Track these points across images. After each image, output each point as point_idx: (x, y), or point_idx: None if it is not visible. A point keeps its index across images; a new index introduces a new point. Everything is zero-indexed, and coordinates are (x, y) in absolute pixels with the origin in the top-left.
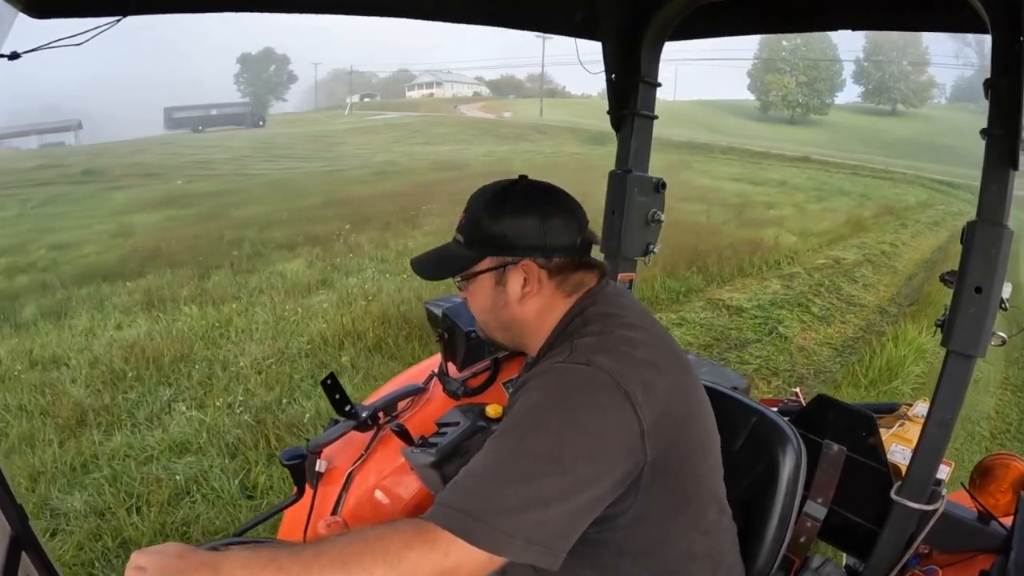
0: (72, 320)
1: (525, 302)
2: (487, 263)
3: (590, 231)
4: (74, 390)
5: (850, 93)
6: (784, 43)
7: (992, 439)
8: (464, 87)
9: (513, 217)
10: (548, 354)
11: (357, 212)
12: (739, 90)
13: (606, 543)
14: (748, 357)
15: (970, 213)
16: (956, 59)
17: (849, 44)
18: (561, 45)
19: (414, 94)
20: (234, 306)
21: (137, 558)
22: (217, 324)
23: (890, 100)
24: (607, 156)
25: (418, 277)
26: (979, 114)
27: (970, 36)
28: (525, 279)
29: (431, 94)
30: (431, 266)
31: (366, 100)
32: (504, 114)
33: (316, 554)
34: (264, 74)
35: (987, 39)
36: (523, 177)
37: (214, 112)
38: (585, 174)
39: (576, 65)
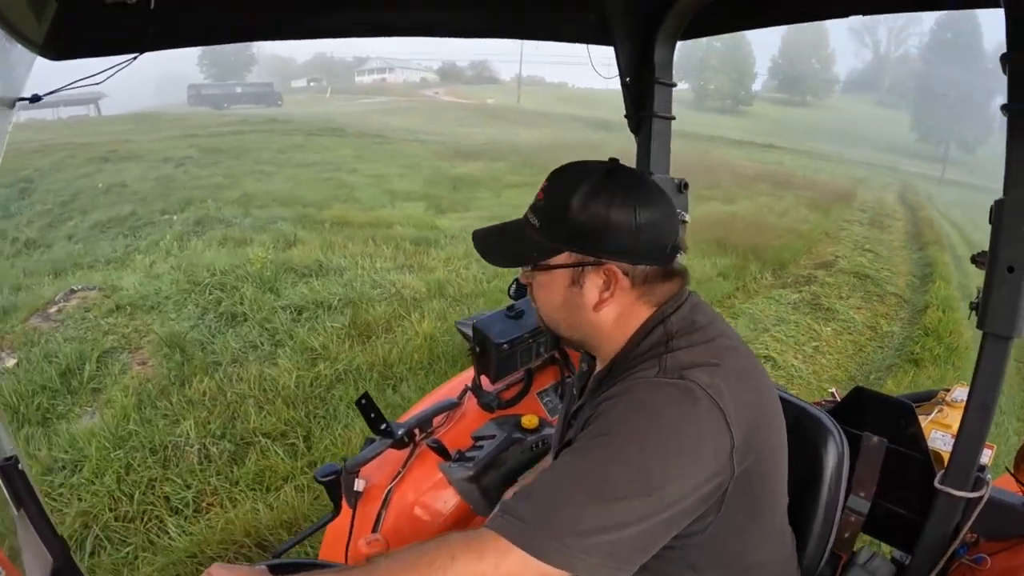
0: None
1: (601, 308)
2: (564, 258)
3: (680, 236)
4: None
5: (758, 85)
6: (718, 45)
7: None
8: (413, 73)
9: (604, 210)
10: (629, 366)
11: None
12: None
13: (677, 558)
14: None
15: (891, 184)
16: (855, 58)
17: (765, 42)
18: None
19: (364, 79)
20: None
21: (216, 571)
22: None
23: (801, 93)
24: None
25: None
26: (872, 104)
27: (867, 37)
28: (605, 283)
29: (383, 79)
30: (499, 249)
31: (312, 84)
32: (488, 101)
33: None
34: (225, 58)
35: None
36: (614, 161)
37: (238, 90)
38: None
39: (498, 55)
